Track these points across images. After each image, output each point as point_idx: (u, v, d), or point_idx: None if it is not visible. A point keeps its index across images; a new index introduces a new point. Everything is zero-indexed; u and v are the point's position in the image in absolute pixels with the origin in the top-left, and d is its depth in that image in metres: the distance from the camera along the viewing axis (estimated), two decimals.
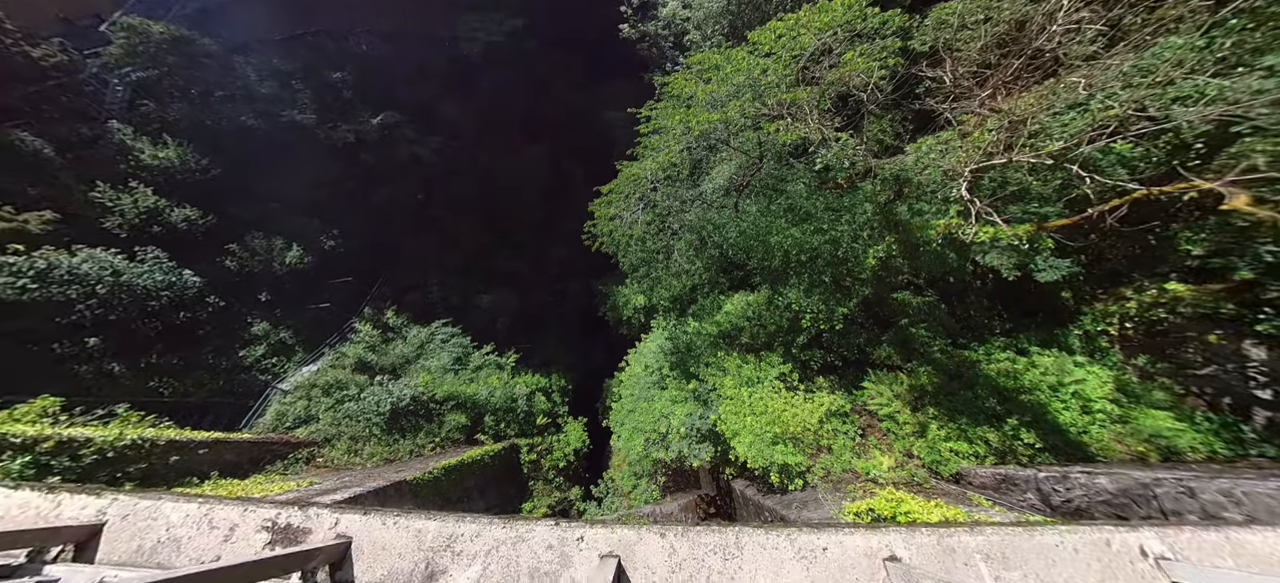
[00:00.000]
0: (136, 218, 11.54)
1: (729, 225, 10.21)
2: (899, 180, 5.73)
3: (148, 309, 10.59)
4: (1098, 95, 4.07)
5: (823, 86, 6.14)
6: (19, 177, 11.05)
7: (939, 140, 4.89)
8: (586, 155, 27.00)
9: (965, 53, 4.86)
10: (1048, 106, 3.85)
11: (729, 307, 11.78)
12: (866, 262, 7.85)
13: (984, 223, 5.27)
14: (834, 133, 5.84)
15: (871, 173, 5.98)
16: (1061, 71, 3.97)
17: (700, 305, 12.83)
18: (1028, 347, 7.31)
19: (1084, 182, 3.88)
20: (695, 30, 14.68)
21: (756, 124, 7.57)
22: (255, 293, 13.56)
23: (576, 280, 24.50)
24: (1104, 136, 4.03)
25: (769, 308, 10.51)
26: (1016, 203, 5.04)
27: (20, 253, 8.88)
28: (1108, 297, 6.98)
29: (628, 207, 10.89)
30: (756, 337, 10.54)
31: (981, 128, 4.53)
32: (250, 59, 16.20)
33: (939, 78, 5.17)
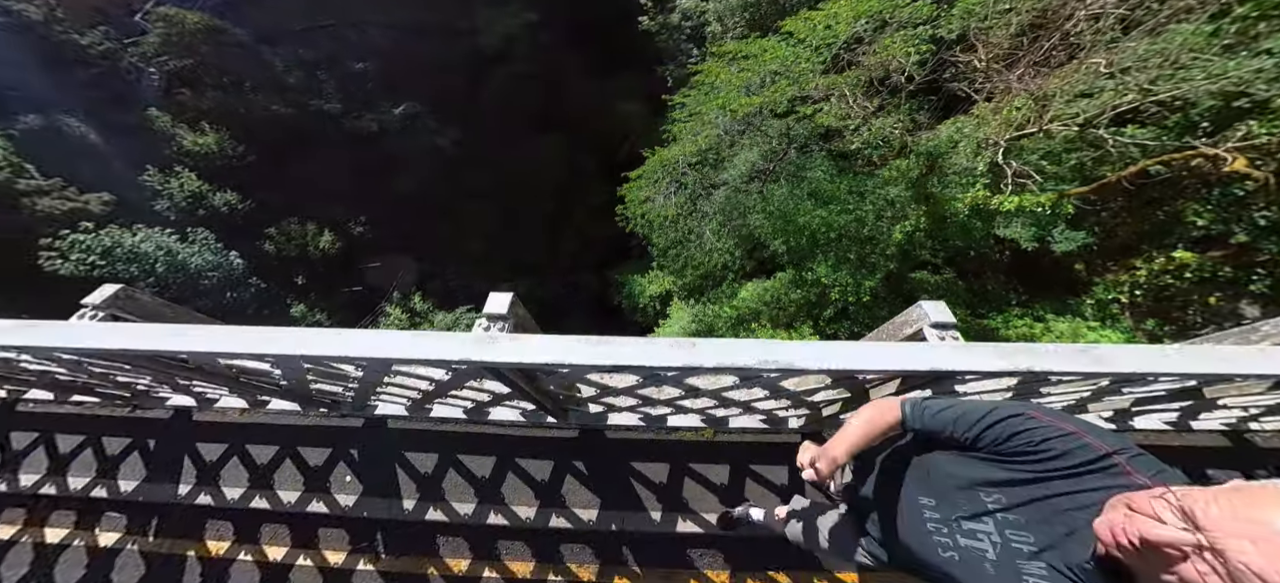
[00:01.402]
0: (183, 202, 11.97)
1: (756, 208, 10.74)
2: (932, 156, 6.27)
3: (199, 289, 11.04)
4: (1118, 76, 4.61)
5: (860, 71, 6.67)
6: (70, 160, 11.46)
7: (972, 117, 5.42)
8: (599, 147, 27.34)
9: (994, 38, 5.40)
10: (1073, 86, 4.39)
11: (744, 292, 12.28)
12: (893, 237, 8.42)
13: (1011, 192, 5.84)
14: (872, 114, 6.37)
15: (907, 150, 6.52)
16: (1083, 55, 4.50)
17: (719, 289, 13.36)
18: (1044, 315, 7.91)
19: (1106, 144, 4.44)
20: (716, 22, 15.14)
21: (791, 109, 8.09)
22: (292, 276, 14.01)
23: (588, 271, 24.96)
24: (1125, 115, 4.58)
25: (791, 287, 11.04)
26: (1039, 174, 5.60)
27: (89, 230, 9.31)
28: (1118, 268, 7.58)
29: (658, 190, 11.42)
30: (776, 318, 11.10)
31: (1010, 104, 5.08)
32: (278, 50, 16.55)
33: (971, 62, 5.71)
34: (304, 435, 2.93)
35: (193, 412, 3.07)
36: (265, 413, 3.01)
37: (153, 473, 2.86)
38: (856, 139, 6.99)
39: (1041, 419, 0.96)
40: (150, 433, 3.01)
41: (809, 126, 8.95)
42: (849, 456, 1.17)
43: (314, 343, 1.56)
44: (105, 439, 3.01)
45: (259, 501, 2.70)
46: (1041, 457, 0.91)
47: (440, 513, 2.62)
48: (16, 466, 2.91)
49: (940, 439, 1.11)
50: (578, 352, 1.56)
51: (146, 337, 1.58)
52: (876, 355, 1.58)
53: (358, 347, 1.57)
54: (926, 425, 1.13)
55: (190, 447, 2.93)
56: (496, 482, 2.72)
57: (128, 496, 2.78)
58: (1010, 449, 0.96)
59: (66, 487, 2.82)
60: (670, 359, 1.52)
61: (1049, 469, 0.90)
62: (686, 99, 10.22)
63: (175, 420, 3.06)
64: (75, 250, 8.97)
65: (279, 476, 2.80)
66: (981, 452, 1.01)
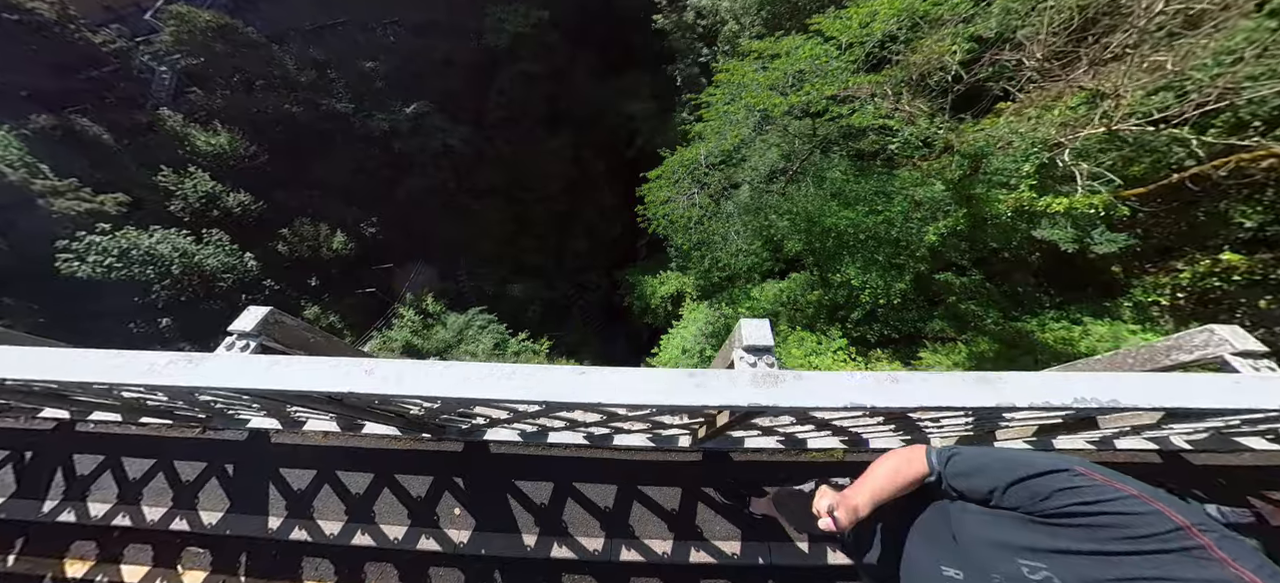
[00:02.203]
0: (197, 202, 11.81)
1: (779, 209, 10.63)
2: (976, 157, 6.16)
3: (215, 291, 10.89)
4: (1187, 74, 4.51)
5: (899, 70, 6.56)
6: (82, 160, 11.29)
7: (1023, 117, 5.32)
8: (606, 147, 27.20)
9: (1043, 36, 5.30)
10: (1141, 83, 4.29)
11: (758, 293, 12.15)
12: (926, 238, 8.32)
13: (1061, 193, 5.73)
14: (920, 114, 6.26)
15: (950, 150, 6.41)
16: (1145, 51, 4.40)
17: (732, 290, 13.25)
18: (1081, 317, 7.80)
19: (1189, 145, 4.34)
20: (732, 21, 15.03)
21: (825, 108, 7.98)
22: (305, 278, 13.85)
23: (596, 272, 24.82)
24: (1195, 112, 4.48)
25: (807, 288, 10.93)
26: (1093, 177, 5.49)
27: (106, 232, 9.15)
28: (1158, 270, 7.48)
29: (679, 190, 11.30)
30: (794, 319, 10.99)
31: (1064, 104, 4.98)
32: (289, 48, 16.40)
33: (1018, 60, 5.60)
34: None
35: (272, 433, 2.89)
36: (361, 436, 2.82)
37: (237, 502, 2.66)
38: (897, 140, 6.87)
39: (1094, 478, 0.81)
40: (228, 457, 2.81)
41: (837, 127, 8.84)
42: (872, 507, 1.06)
43: None
44: (177, 464, 2.80)
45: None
46: (1100, 525, 0.76)
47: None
48: (84, 492, 2.73)
49: (970, 495, 0.97)
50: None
51: (321, 376, 1.41)
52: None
53: None
54: (955, 480, 0.98)
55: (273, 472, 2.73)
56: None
57: (212, 529, 2.59)
58: (1054, 510, 0.81)
59: (143, 518, 2.62)
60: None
61: (1113, 544, 0.74)
62: (711, 97, 10.10)
63: (253, 442, 2.87)
64: (92, 252, 8.81)
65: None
66: (1019, 511, 0.86)
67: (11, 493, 2.69)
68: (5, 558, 2.45)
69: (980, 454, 1.00)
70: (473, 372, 1.38)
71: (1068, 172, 4.88)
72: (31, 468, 2.77)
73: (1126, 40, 4.22)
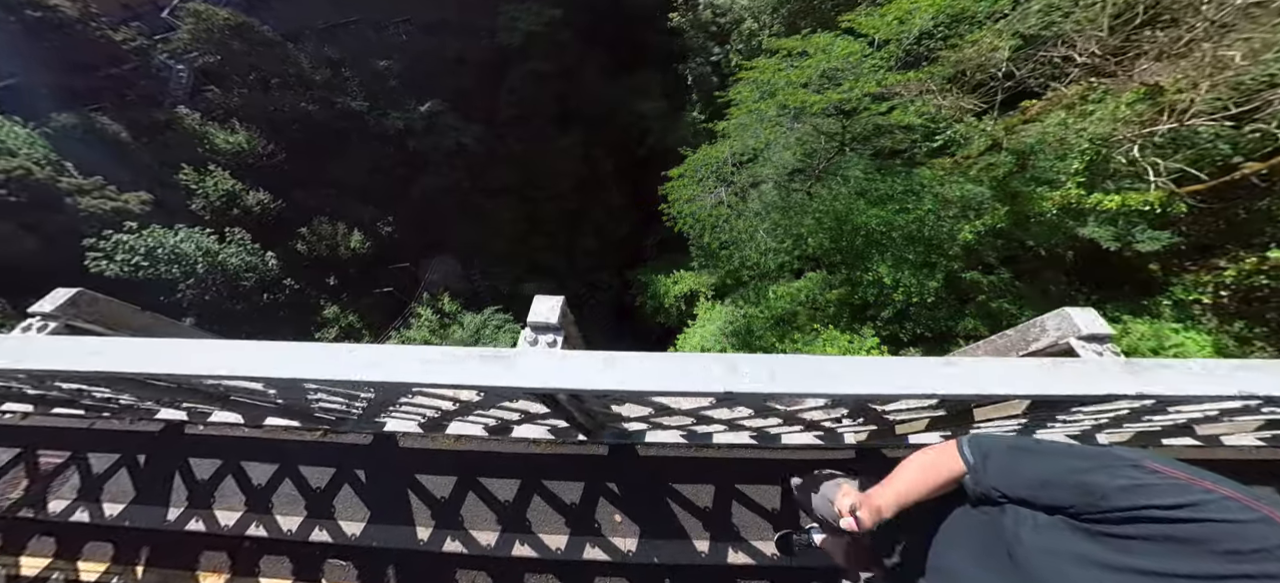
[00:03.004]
0: (218, 201, 11.75)
1: (805, 207, 10.58)
2: (1024, 154, 6.13)
3: (238, 290, 10.83)
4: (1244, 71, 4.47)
5: (941, 67, 6.52)
6: (102, 159, 11.22)
7: (1078, 113, 5.28)
8: (616, 146, 27.13)
9: (1102, 30, 5.26)
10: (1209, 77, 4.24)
11: (773, 292, 12.06)
12: (961, 237, 8.27)
13: (1110, 191, 5.69)
14: (968, 111, 6.23)
15: (996, 147, 6.38)
16: (1207, 44, 4.35)
17: (747, 289, 13.19)
18: (1119, 316, 7.76)
19: (1238, 142, 4.30)
20: (751, 19, 14.99)
21: (861, 106, 7.94)
22: (324, 277, 13.80)
23: (607, 271, 24.77)
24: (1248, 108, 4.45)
25: (827, 288, 10.87)
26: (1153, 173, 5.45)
27: (133, 230, 9.09)
28: (1198, 268, 7.43)
29: (703, 188, 11.25)
30: (814, 318, 10.94)
31: (1119, 100, 4.94)
32: (303, 47, 16.34)
33: (1068, 55, 5.56)
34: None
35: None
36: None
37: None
38: (941, 138, 6.84)
39: (1174, 475, 0.66)
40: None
41: (872, 125, 8.80)
42: (897, 509, 0.96)
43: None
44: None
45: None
46: (1186, 537, 0.60)
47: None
48: None
49: (1012, 495, 0.82)
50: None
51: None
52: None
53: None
54: (996, 477, 0.84)
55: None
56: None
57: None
58: (1121, 515, 0.66)
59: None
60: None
61: (1211, 564, 0.58)
62: (739, 95, 10.06)
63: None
64: (119, 251, 8.75)
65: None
66: (1069, 515, 0.72)
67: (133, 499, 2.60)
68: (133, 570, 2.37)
69: (1020, 443, 0.87)
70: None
71: (1129, 168, 4.83)
72: None
73: (1193, 34, 4.18)
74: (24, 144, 9.07)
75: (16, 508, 2.46)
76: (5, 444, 2.71)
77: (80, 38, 10.84)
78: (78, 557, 2.30)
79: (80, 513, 2.46)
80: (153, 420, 2.79)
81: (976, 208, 8.45)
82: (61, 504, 2.48)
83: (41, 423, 2.78)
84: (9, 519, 2.43)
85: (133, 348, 1.38)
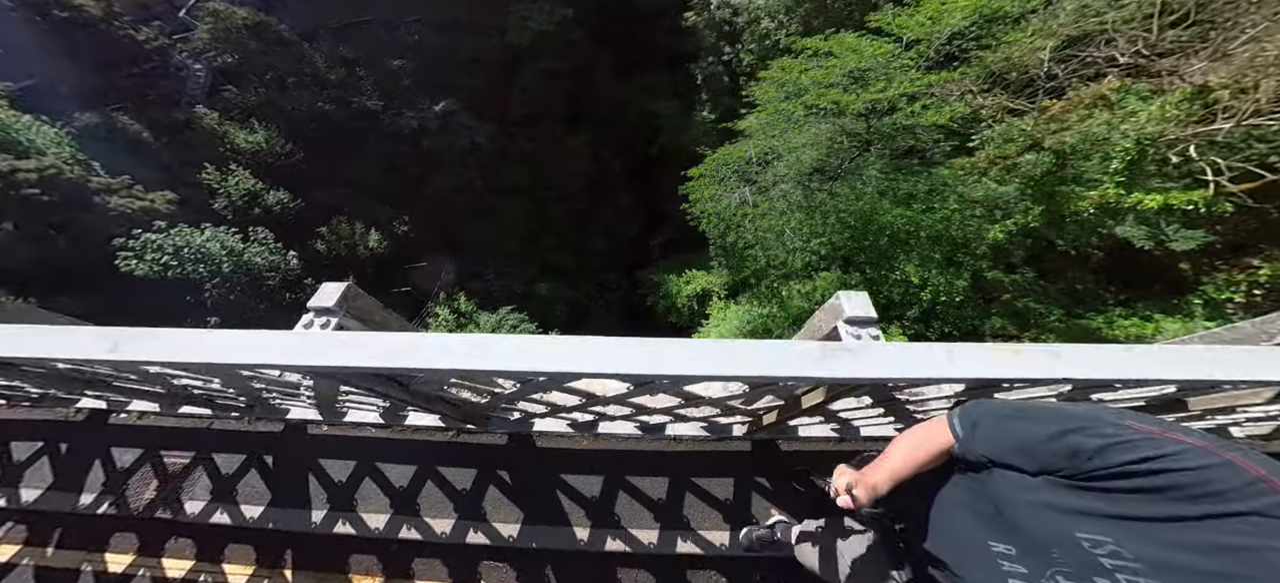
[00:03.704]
0: (240, 200, 11.76)
1: (827, 207, 10.59)
2: (1064, 154, 6.15)
3: (261, 290, 10.85)
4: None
5: (978, 66, 6.54)
6: (124, 158, 11.23)
7: (1121, 112, 5.30)
8: (624, 146, 27.12)
9: (1136, 30, 5.28)
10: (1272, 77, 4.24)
11: (786, 291, 12.05)
12: (990, 236, 8.30)
13: (1151, 190, 5.71)
14: (1011, 109, 6.25)
15: (1036, 146, 6.40)
16: (1269, 45, 4.35)
17: (758, 289, 13.20)
18: (1151, 314, 7.79)
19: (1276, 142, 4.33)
20: (767, 18, 15.00)
21: (893, 106, 7.97)
22: (342, 277, 13.80)
23: (616, 271, 24.77)
24: None
25: (842, 287, 10.87)
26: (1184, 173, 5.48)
27: (161, 230, 9.10)
28: (1231, 266, 7.46)
29: (726, 188, 11.26)
30: None
31: (1169, 99, 4.96)
32: (318, 46, 16.34)
33: (1111, 55, 5.58)
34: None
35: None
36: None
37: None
38: (979, 137, 6.86)
39: (1150, 431, 0.70)
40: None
41: (902, 125, 8.82)
42: (892, 485, 0.99)
43: None
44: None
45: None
46: (1167, 486, 0.66)
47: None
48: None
49: (1000, 460, 0.86)
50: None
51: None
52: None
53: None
54: (984, 446, 0.88)
55: None
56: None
57: None
58: (1105, 471, 0.70)
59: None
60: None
61: (1192, 507, 0.64)
62: (765, 95, 10.08)
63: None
64: (148, 250, 8.76)
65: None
66: (1061, 476, 0.75)
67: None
68: None
69: (1007, 410, 0.91)
70: None
71: (1182, 167, 4.85)
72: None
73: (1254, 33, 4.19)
74: (52, 143, 9.08)
75: (153, 508, 2.47)
76: (129, 444, 2.72)
77: (104, 37, 10.84)
78: (220, 559, 2.31)
79: (219, 515, 2.47)
80: (274, 420, 2.81)
81: (1004, 208, 8.49)
82: (197, 505, 2.50)
83: (163, 423, 2.80)
84: (147, 520, 2.44)
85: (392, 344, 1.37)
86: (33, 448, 2.67)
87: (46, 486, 2.57)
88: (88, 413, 2.80)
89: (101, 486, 2.56)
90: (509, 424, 2.63)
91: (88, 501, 2.49)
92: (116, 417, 2.80)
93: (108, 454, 2.65)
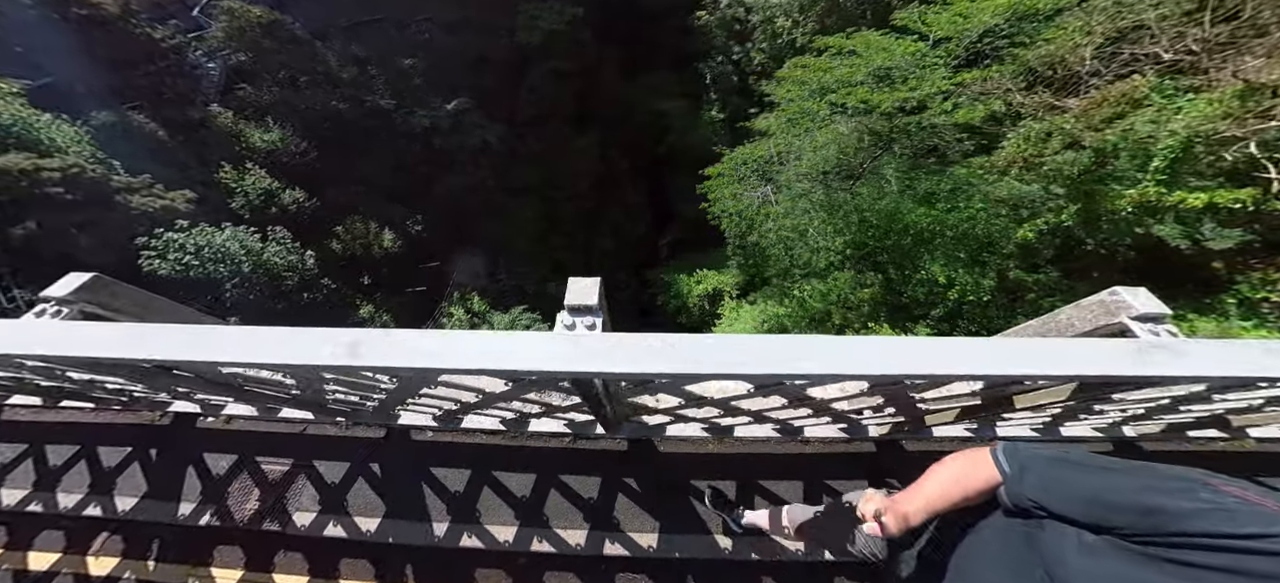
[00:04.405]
0: (257, 199, 11.70)
1: (850, 207, 10.53)
2: (1104, 152, 6.10)
3: (280, 290, 10.79)
4: None
5: (1013, 64, 6.49)
6: (140, 156, 11.17)
7: (1164, 111, 5.25)
8: (631, 146, 27.09)
9: (1178, 27, 5.23)
10: None
11: (799, 290, 11.98)
12: (1018, 235, 8.25)
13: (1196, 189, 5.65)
14: (1055, 106, 6.19)
15: (1075, 144, 6.35)
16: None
17: (773, 287, 13.14)
18: (1185, 314, 7.73)
19: None
20: (783, 17, 14.94)
21: (922, 105, 7.92)
22: (357, 276, 13.76)
23: (624, 270, 24.74)
24: None
25: (858, 286, 10.82)
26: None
27: (183, 229, 9.04)
28: (1266, 265, 7.41)
29: (745, 186, 11.21)
30: (847, 318, 10.91)
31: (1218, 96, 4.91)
32: (331, 45, 16.29)
33: (1155, 51, 5.53)
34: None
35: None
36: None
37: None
38: (1012, 136, 6.81)
39: (1258, 502, 0.60)
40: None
41: (925, 124, 8.77)
42: (926, 517, 0.92)
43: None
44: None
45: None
46: (1268, 575, 0.55)
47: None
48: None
49: (1052, 509, 0.76)
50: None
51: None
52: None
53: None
54: (1038, 496, 0.78)
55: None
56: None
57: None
58: (1200, 542, 0.59)
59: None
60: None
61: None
62: (789, 94, 10.02)
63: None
64: (170, 250, 8.70)
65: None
66: (1138, 540, 0.65)
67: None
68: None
69: (1064, 458, 0.81)
70: None
71: (1241, 164, 4.80)
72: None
73: None
74: (72, 141, 9.02)
75: (258, 519, 2.38)
76: (223, 450, 2.63)
77: (122, 35, 10.78)
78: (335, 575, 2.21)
79: (333, 527, 2.36)
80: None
81: (1030, 207, 8.44)
82: (307, 517, 2.39)
83: (256, 427, 2.71)
84: (253, 532, 2.35)
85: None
86: (122, 453, 2.58)
87: (141, 493, 2.47)
88: (174, 416, 2.70)
89: (199, 495, 2.46)
90: (633, 428, 2.49)
91: (187, 510, 2.39)
92: (204, 420, 2.70)
93: (201, 461, 2.56)
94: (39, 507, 2.45)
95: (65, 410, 2.77)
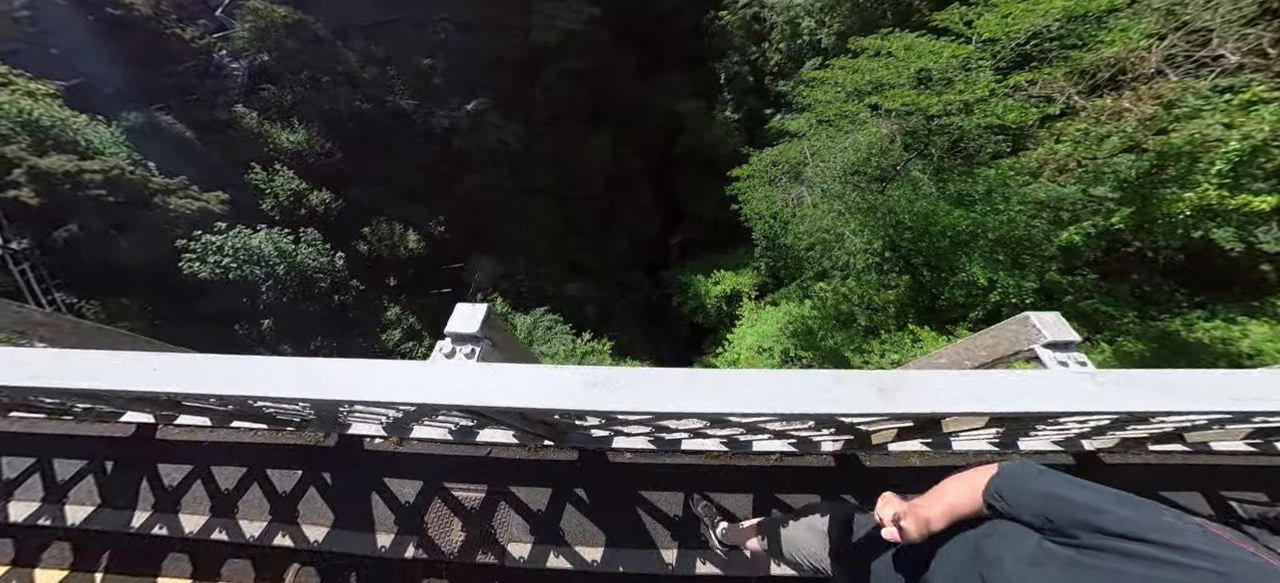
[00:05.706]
0: (286, 200, 11.67)
1: (886, 209, 10.49)
2: (1166, 155, 6.06)
3: (313, 291, 10.76)
4: None
5: (1066, 65, 6.44)
6: (170, 157, 11.14)
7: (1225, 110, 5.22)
8: (645, 146, 27.06)
9: (1244, 29, 5.19)
10: None
11: (817, 291, 11.93)
12: (1063, 239, 8.22)
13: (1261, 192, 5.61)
14: (1125, 108, 6.15)
15: (1136, 147, 6.31)
16: None
17: (793, 288, 13.10)
18: (1234, 317, 7.68)
19: None
20: (807, 17, 14.89)
21: (967, 107, 7.87)
22: (383, 278, 13.73)
23: (637, 271, 24.72)
24: None
25: (882, 289, 10.78)
26: None
27: (221, 231, 9.01)
28: None
29: (777, 188, 11.17)
30: (872, 320, 10.87)
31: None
32: (351, 45, 16.24)
33: (1219, 54, 5.49)
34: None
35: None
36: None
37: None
38: (1069, 138, 6.76)
39: (1232, 541, 0.62)
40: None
41: (962, 126, 8.73)
42: (947, 522, 0.95)
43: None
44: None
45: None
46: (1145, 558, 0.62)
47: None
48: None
49: (1064, 527, 0.78)
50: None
51: None
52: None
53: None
54: (1000, 486, 0.86)
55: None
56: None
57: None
58: (1116, 535, 0.65)
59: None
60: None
61: None
62: (824, 96, 9.98)
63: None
64: (209, 252, 8.67)
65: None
66: (1057, 538, 0.72)
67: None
68: None
69: (1048, 472, 0.84)
70: None
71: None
72: None
73: None
74: (109, 143, 8.99)
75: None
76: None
77: (153, 36, 10.74)
78: None
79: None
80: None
81: (1070, 209, 8.40)
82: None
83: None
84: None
85: None
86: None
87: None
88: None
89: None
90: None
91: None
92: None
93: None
94: None
95: None
